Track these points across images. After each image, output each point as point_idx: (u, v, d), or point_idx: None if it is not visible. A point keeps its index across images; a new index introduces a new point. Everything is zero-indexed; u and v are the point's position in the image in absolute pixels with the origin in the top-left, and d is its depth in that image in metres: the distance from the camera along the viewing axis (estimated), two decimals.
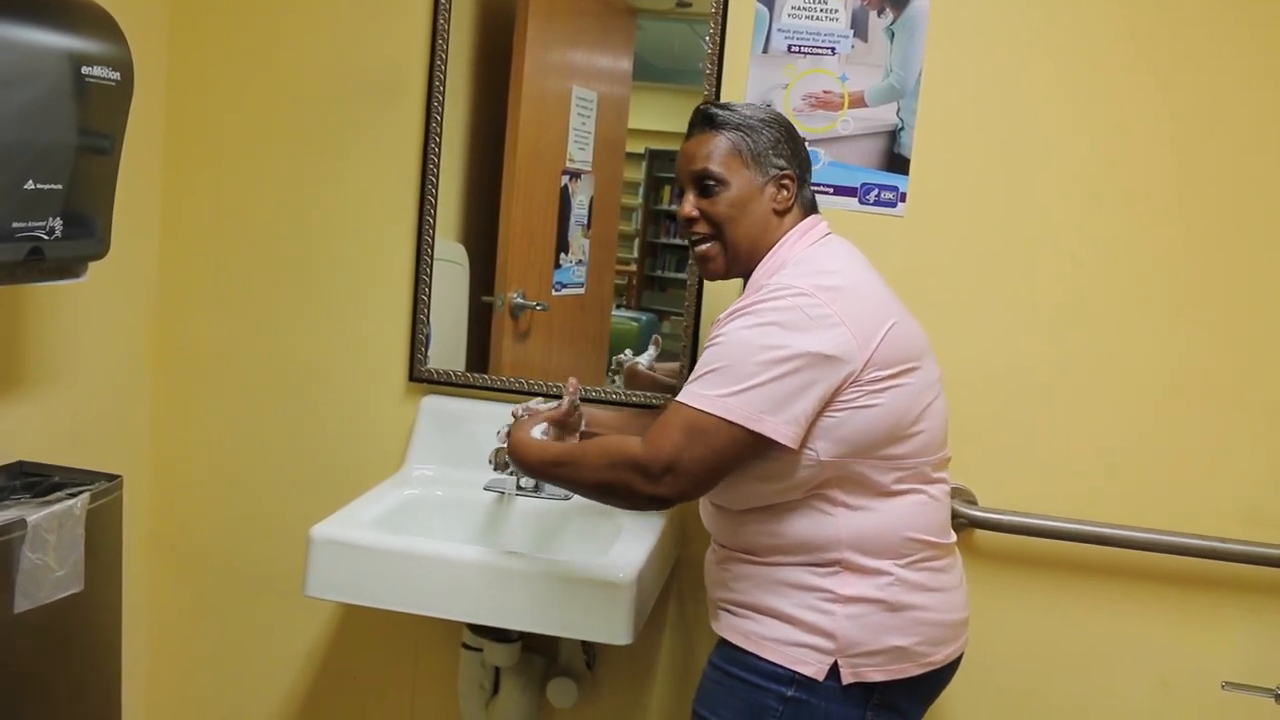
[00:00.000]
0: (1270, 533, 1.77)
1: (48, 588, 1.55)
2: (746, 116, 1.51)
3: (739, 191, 1.49)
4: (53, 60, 1.45)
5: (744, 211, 1.49)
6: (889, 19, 1.81)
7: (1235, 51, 1.75)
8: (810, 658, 1.40)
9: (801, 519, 1.42)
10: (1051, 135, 1.80)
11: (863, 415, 1.38)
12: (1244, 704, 1.78)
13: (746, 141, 1.49)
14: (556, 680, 1.92)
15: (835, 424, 1.38)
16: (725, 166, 1.49)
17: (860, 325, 1.37)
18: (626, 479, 1.38)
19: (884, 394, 1.38)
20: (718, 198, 1.49)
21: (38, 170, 1.44)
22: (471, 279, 2.02)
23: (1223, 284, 1.78)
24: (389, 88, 1.96)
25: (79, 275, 1.62)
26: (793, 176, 1.51)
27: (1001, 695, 1.87)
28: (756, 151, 1.49)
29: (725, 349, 1.38)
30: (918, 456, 1.44)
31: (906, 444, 1.42)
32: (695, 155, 1.51)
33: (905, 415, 1.41)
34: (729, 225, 1.49)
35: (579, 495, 1.54)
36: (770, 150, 1.50)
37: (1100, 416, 1.82)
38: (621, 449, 1.40)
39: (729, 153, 1.49)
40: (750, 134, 1.49)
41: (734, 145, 1.49)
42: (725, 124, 1.50)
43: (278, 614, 2.09)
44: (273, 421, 2.06)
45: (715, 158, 1.49)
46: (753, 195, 1.49)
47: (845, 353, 1.36)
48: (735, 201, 1.49)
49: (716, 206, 1.49)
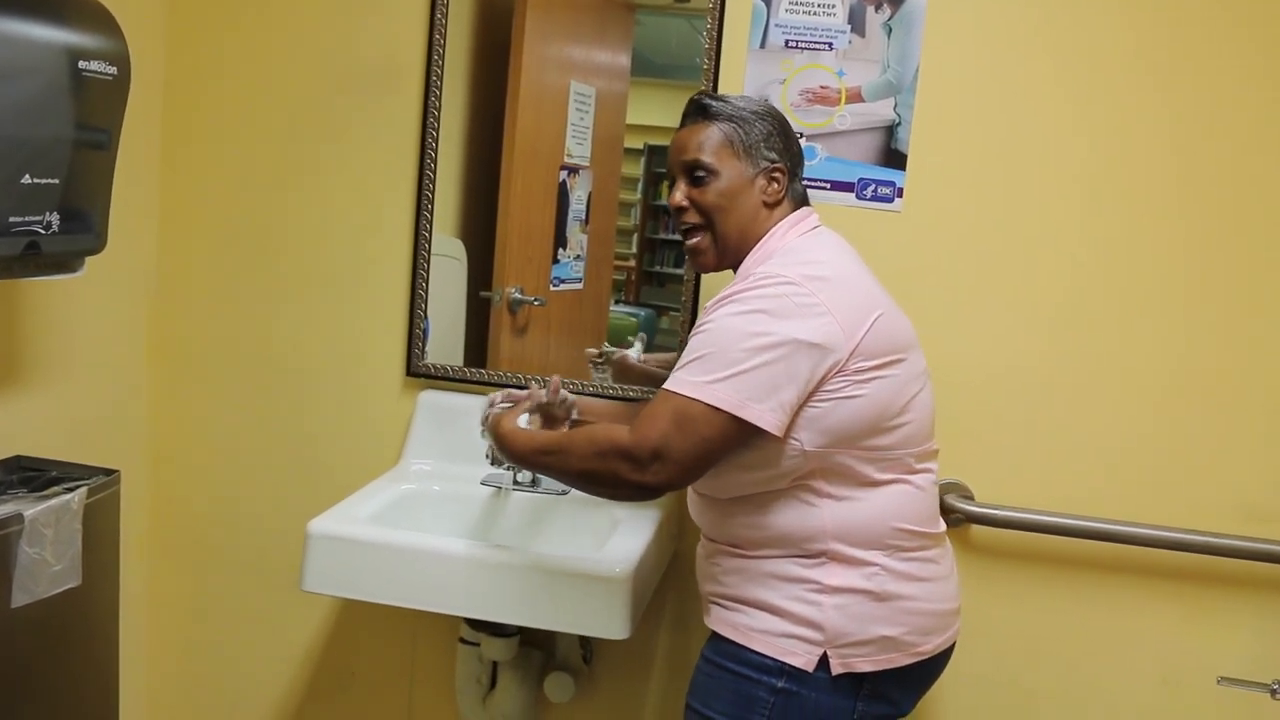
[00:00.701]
0: (1268, 528, 1.77)
1: (45, 583, 1.55)
2: (740, 108, 1.52)
3: (729, 182, 1.49)
4: (49, 55, 1.45)
5: (734, 202, 1.49)
6: (886, 14, 1.81)
7: (1234, 50, 1.74)
8: (799, 649, 1.41)
9: (786, 511, 1.42)
10: (1049, 131, 1.79)
11: (848, 406, 1.38)
12: (1243, 699, 1.78)
13: (739, 133, 1.50)
14: (554, 674, 1.92)
15: (820, 414, 1.38)
16: (716, 157, 1.49)
17: (847, 315, 1.38)
18: (613, 467, 1.37)
19: (869, 384, 1.38)
20: (708, 187, 1.50)
21: (35, 165, 1.44)
22: (470, 274, 2.02)
23: (1221, 280, 1.78)
24: (387, 83, 1.96)
25: (76, 270, 1.62)
26: (784, 169, 1.51)
27: (1000, 691, 1.87)
28: (748, 143, 1.50)
29: (712, 336, 1.38)
30: (902, 448, 1.44)
31: (891, 435, 1.42)
32: (687, 145, 1.51)
33: (890, 406, 1.41)
34: (718, 215, 1.50)
35: (567, 485, 1.53)
36: (762, 143, 1.50)
37: (1098, 412, 1.82)
38: (609, 436, 1.39)
39: (721, 143, 1.50)
40: (743, 125, 1.50)
41: (726, 136, 1.50)
42: (718, 115, 1.51)
43: (276, 609, 2.09)
44: (270, 416, 2.06)
45: (707, 148, 1.50)
46: (743, 187, 1.50)
47: (831, 341, 1.36)
48: (725, 192, 1.49)
49: (706, 196, 1.50)
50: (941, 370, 1.59)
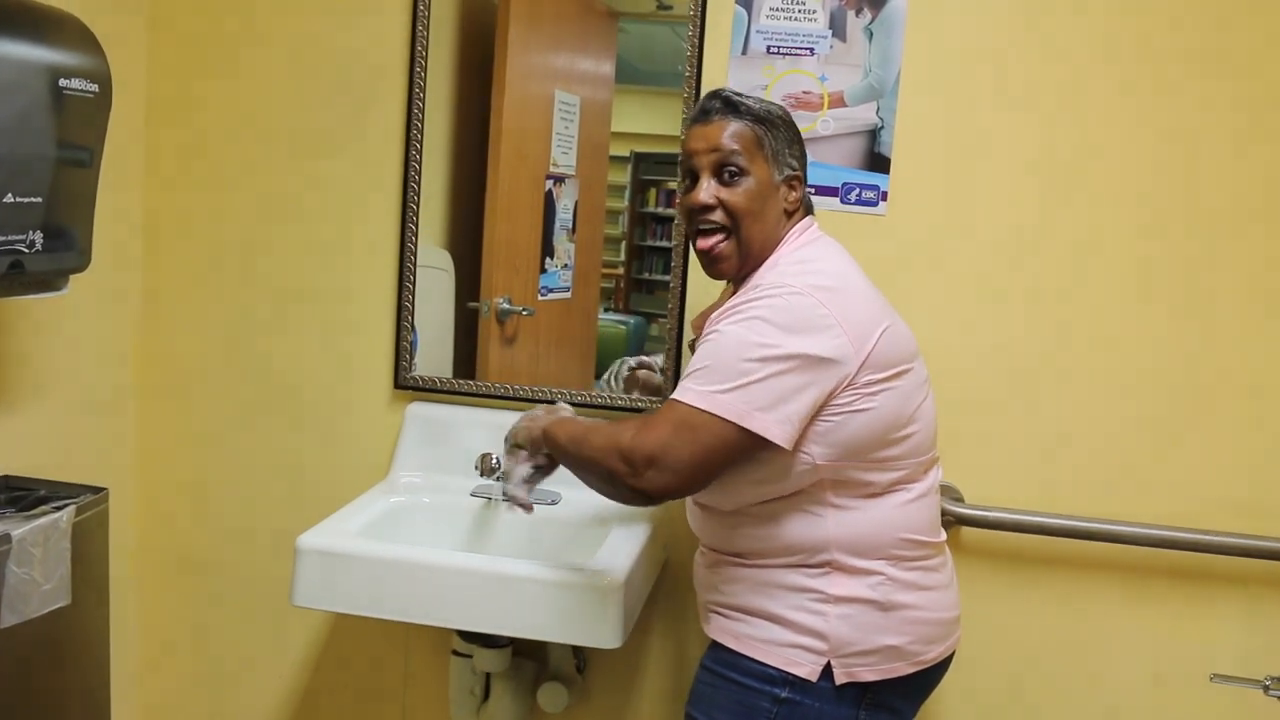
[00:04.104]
0: (1259, 524, 1.78)
1: (35, 602, 1.54)
2: (767, 110, 1.47)
3: (759, 185, 1.44)
4: (30, 73, 1.44)
5: (764, 207, 1.44)
6: (867, 19, 1.81)
7: (1215, 48, 1.75)
8: (803, 658, 1.40)
9: (791, 521, 1.41)
10: (1032, 132, 1.80)
11: (858, 419, 1.37)
12: (1235, 696, 1.79)
13: (769, 135, 1.45)
14: (547, 685, 1.91)
15: (830, 428, 1.37)
16: (749, 156, 1.44)
17: (856, 328, 1.36)
18: (613, 466, 1.35)
19: (878, 397, 1.37)
20: (738, 187, 1.44)
21: (17, 184, 1.44)
22: (457, 285, 2.02)
23: (1205, 279, 1.78)
24: (369, 95, 1.96)
25: (60, 288, 1.62)
26: (800, 178, 1.49)
27: (992, 691, 1.87)
28: (776, 148, 1.45)
29: (719, 346, 1.36)
30: (910, 457, 1.43)
31: (899, 446, 1.41)
32: (718, 140, 1.44)
33: (899, 417, 1.40)
34: (747, 220, 1.44)
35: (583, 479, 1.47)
36: (786, 149, 1.47)
37: (1085, 412, 1.82)
38: (614, 433, 1.37)
39: (753, 143, 1.44)
40: (771, 128, 1.45)
41: (758, 137, 1.44)
42: (749, 113, 1.45)
43: (267, 624, 2.08)
44: (258, 431, 2.06)
45: (740, 144, 1.44)
46: (770, 191, 1.45)
47: (841, 355, 1.34)
48: (756, 194, 1.44)
49: (737, 196, 1.44)
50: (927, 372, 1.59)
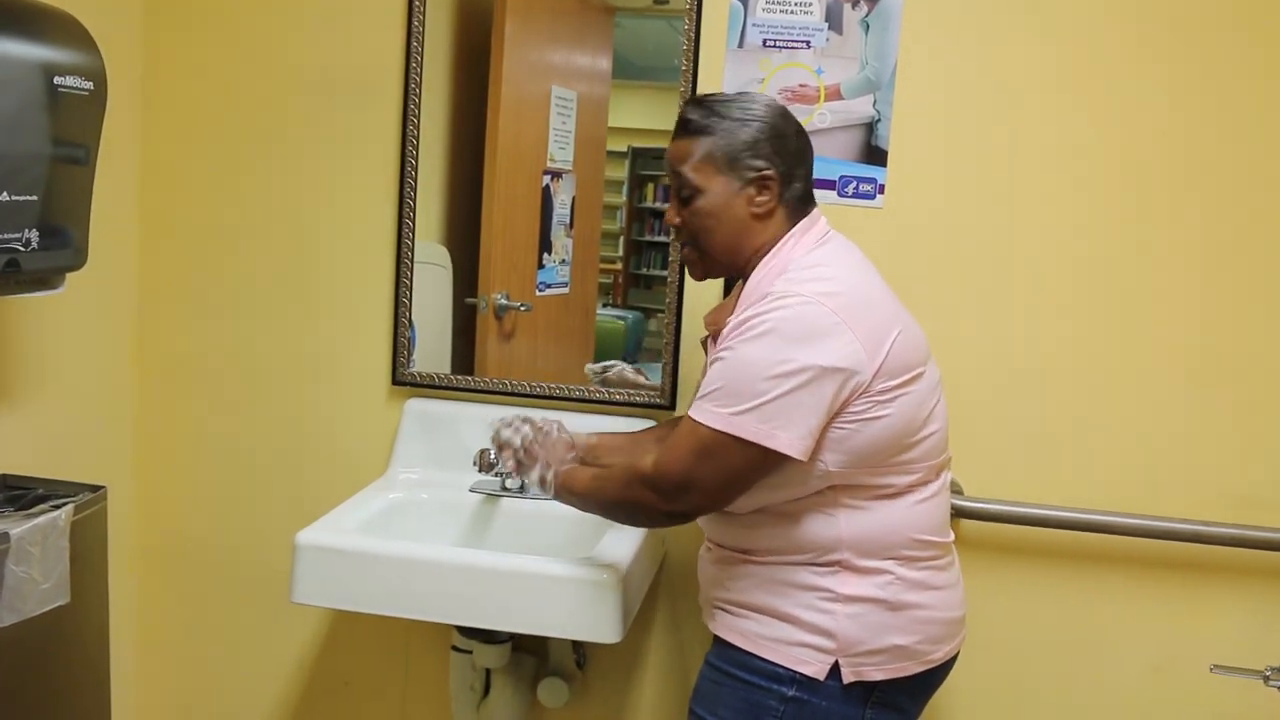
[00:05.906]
0: (1257, 515, 1.78)
1: (33, 601, 1.54)
2: (724, 116, 1.45)
3: (712, 200, 1.45)
4: (24, 71, 1.44)
5: (719, 220, 1.46)
6: (863, 11, 1.81)
7: (1215, 40, 1.75)
8: (811, 657, 1.39)
9: (803, 521, 1.41)
10: (1029, 123, 1.80)
11: (873, 426, 1.36)
12: (1234, 686, 1.79)
13: (720, 145, 1.44)
14: (547, 680, 1.91)
15: (845, 435, 1.36)
16: (698, 173, 1.45)
17: (868, 335, 1.35)
18: (641, 498, 1.40)
19: (893, 403, 1.37)
20: (692, 204, 1.47)
21: (12, 182, 1.43)
22: (455, 281, 2.02)
23: (1203, 270, 1.78)
24: (366, 91, 1.95)
25: (57, 287, 1.62)
26: (774, 176, 1.45)
27: (992, 684, 1.87)
28: (731, 155, 1.44)
29: (733, 365, 1.35)
30: (925, 460, 1.43)
31: (914, 450, 1.41)
32: (671, 161, 1.49)
33: (913, 421, 1.40)
34: (702, 235, 1.47)
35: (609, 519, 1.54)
36: (747, 152, 1.44)
37: (1083, 404, 1.82)
38: (636, 467, 1.42)
39: (702, 159, 1.45)
40: (725, 136, 1.44)
41: (707, 150, 1.44)
42: (700, 129, 1.45)
43: (267, 621, 2.08)
44: (256, 428, 2.06)
45: (688, 165, 1.46)
46: (727, 202, 1.45)
47: (854, 364, 1.34)
48: (709, 211, 1.46)
49: (691, 215, 1.47)
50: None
